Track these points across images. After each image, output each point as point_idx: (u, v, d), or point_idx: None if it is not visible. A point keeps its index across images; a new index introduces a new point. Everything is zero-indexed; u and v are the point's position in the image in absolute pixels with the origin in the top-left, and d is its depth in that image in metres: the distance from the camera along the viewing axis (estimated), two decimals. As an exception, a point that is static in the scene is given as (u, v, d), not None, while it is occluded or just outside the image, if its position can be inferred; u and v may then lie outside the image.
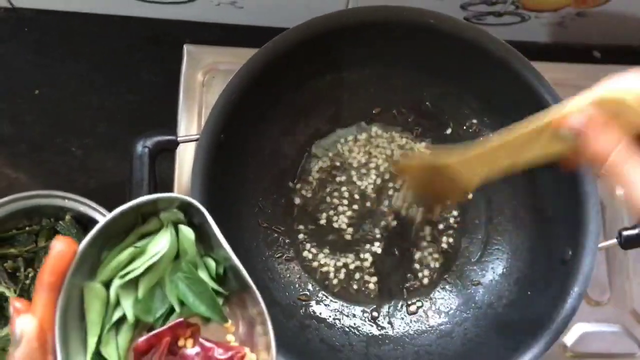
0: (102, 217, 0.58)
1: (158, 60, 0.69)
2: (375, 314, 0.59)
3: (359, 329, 0.58)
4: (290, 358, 0.49)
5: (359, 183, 0.62)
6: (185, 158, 0.61)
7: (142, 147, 0.48)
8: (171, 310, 0.44)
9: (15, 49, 0.68)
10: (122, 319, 0.43)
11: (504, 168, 0.42)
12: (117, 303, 0.43)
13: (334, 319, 0.58)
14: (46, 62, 0.68)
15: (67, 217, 0.59)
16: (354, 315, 0.58)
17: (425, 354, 0.56)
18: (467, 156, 0.44)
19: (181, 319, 0.42)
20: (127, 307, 0.43)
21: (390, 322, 0.58)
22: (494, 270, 0.59)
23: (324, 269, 0.60)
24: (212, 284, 0.45)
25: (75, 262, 0.39)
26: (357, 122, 0.62)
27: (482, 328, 0.56)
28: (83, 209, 0.58)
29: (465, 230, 0.61)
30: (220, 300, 0.45)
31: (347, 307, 0.59)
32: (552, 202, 0.56)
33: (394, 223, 0.61)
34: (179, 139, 0.51)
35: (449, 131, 0.63)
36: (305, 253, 0.60)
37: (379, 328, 0.58)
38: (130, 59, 0.70)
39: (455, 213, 0.61)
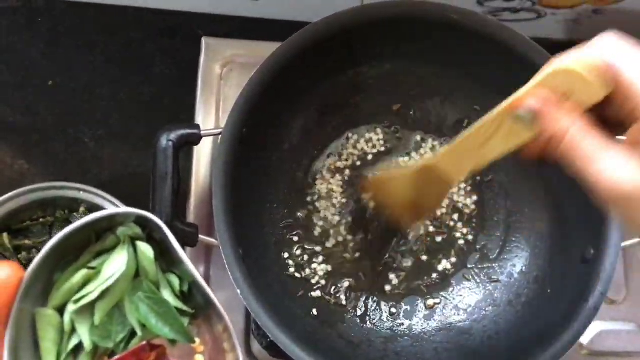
0: (117, 208, 0.58)
1: (172, 52, 0.69)
2: (393, 310, 0.59)
3: (377, 325, 0.58)
4: (308, 353, 0.48)
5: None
6: (202, 154, 0.61)
7: (167, 140, 0.48)
8: (133, 334, 0.42)
9: (28, 40, 0.68)
10: (80, 345, 0.41)
11: (480, 160, 0.42)
12: (73, 329, 0.41)
13: (351, 314, 0.58)
14: (59, 53, 0.68)
15: (82, 209, 0.59)
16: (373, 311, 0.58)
17: (443, 351, 0.56)
18: (445, 152, 0.44)
19: (144, 343, 0.40)
20: (84, 333, 0.40)
21: (408, 319, 0.58)
22: (513, 268, 0.59)
23: (344, 264, 0.60)
24: (176, 303, 0.42)
25: (24, 288, 0.37)
26: (377, 120, 0.62)
27: (501, 326, 0.56)
28: (98, 200, 0.58)
29: (484, 228, 0.61)
30: (186, 320, 0.43)
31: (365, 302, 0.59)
32: (572, 199, 0.56)
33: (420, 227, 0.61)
34: (202, 132, 0.50)
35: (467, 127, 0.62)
36: (326, 250, 0.60)
37: (398, 324, 0.58)
38: (144, 51, 0.69)
39: (474, 210, 0.61)
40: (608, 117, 0.35)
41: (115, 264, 0.42)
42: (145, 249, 0.43)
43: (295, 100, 0.58)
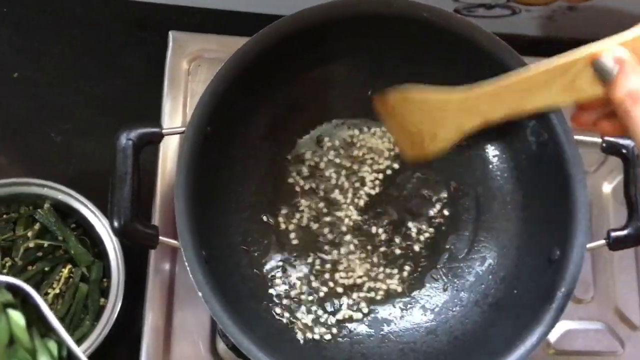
0: (81, 205, 0.57)
1: (143, 45, 0.68)
2: (360, 312, 0.58)
3: (344, 326, 0.58)
4: (272, 356, 0.48)
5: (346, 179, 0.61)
6: (169, 149, 0.60)
7: (126, 139, 0.47)
8: None
9: (-7, 30, 0.66)
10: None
11: (512, 111, 0.40)
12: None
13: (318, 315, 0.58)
14: (26, 44, 0.67)
15: (46, 205, 0.58)
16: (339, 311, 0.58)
17: (410, 351, 0.56)
18: (475, 92, 0.42)
19: None
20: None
21: (375, 320, 0.58)
22: (480, 268, 0.59)
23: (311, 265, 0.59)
24: None
25: None
26: (348, 116, 0.61)
27: (468, 326, 0.56)
28: (62, 197, 0.57)
29: (453, 227, 0.60)
30: None
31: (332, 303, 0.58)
32: (541, 201, 0.56)
33: (385, 220, 0.60)
34: (163, 131, 0.49)
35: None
36: (290, 249, 0.59)
37: (364, 326, 0.58)
38: (113, 43, 0.68)
39: (444, 210, 0.61)
40: None
41: (-14, 333, 0.41)
42: (16, 317, 0.42)
43: (263, 96, 0.57)
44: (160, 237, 0.49)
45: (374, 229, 0.60)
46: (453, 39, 0.55)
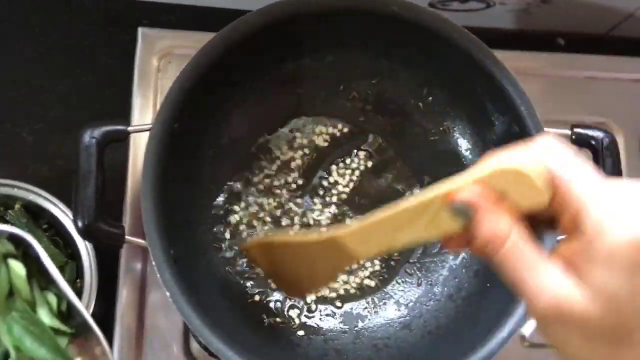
0: (53, 205, 0.57)
1: (115, 42, 0.67)
2: (333, 308, 0.58)
3: (317, 323, 0.57)
4: (247, 354, 0.47)
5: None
6: (140, 147, 0.58)
7: (90, 137, 0.46)
8: (6, 356, 0.41)
9: (-42, 27, 0.65)
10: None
11: (382, 248, 0.40)
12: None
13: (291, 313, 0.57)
14: (-4, 42, 0.66)
15: (17, 206, 0.57)
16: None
17: (384, 347, 0.56)
18: (356, 229, 0.41)
19: None
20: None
21: (349, 316, 0.58)
22: (454, 262, 0.59)
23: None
24: (52, 323, 0.42)
25: None
26: (319, 112, 0.61)
27: (442, 320, 0.56)
28: (32, 197, 0.57)
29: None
30: (65, 340, 0.42)
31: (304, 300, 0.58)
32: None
33: (358, 215, 0.60)
34: (129, 128, 0.49)
35: (411, 121, 0.62)
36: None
37: (338, 322, 0.57)
38: (85, 40, 0.67)
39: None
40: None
41: (-14, 282, 0.41)
42: (17, 267, 0.42)
43: (233, 93, 0.56)
44: (127, 237, 0.48)
45: (348, 222, 0.60)
46: (424, 33, 0.55)
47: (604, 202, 0.30)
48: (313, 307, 0.58)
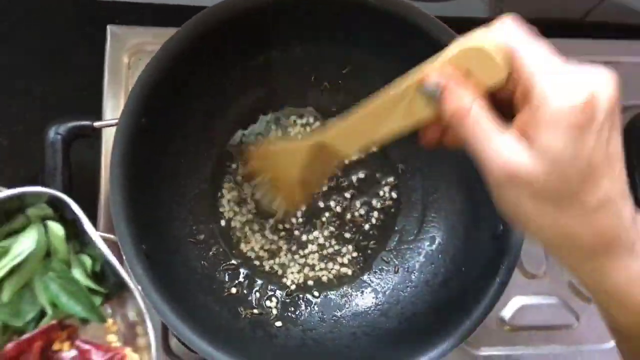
0: (27, 187, 0.56)
1: (90, 42, 0.66)
2: (311, 298, 0.58)
3: (295, 313, 0.57)
4: (223, 347, 0.47)
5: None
6: (111, 142, 0.58)
7: (55, 133, 0.46)
8: (43, 313, 0.42)
9: None
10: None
11: (374, 137, 0.41)
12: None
13: (269, 304, 0.57)
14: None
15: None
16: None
17: (362, 335, 0.56)
18: (338, 127, 0.43)
19: (54, 322, 0.41)
20: (-8, 312, 0.40)
21: (327, 305, 0.58)
22: (430, 248, 0.59)
23: (256, 255, 0.59)
24: (87, 283, 0.43)
25: None
26: (290, 104, 0.61)
27: (419, 306, 0.56)
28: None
29: (402, 208, 0.61)
30: (99, 299, 0.44)
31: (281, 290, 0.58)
32: (482, 178, 0.56)
33: (336, 207, 0.60)
34: (95, 124, 0.49)
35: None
36: (236, 240, 0.59)
37: (315, 311, 0.57)
38: (60, 40, 0.67)
39: (392, 193, 0.61)
40: (499, 102, 0.36)
41: (25, 243, 0.42)
42: (56, 228, 0.43)
43: (201, 86, 0.56)
44: (101, 233, 0.48)
45: (323, 215, 0.60)
46: (393, 22, 0.54)
47: (551, 74, 0.33)
48: (290, 300, 0.58)
